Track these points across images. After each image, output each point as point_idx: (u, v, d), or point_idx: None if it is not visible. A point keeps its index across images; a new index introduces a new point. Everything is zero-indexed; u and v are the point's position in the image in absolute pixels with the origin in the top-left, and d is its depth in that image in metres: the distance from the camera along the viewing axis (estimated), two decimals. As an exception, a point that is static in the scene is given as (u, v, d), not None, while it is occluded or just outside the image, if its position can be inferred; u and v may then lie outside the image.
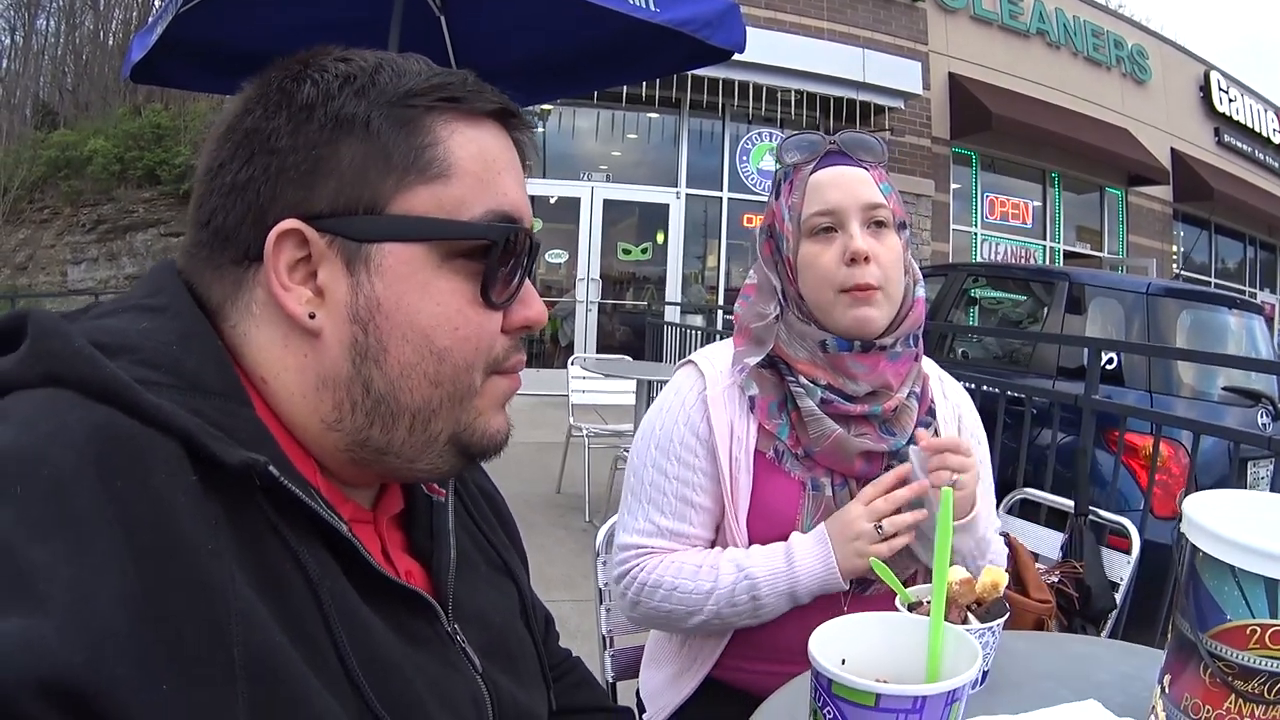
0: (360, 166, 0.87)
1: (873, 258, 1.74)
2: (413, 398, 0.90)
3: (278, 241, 0.86)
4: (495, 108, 0.95)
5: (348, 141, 0.87)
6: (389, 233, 0.88)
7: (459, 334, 0.90)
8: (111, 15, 29.00)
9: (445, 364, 0.90)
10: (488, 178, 0.92)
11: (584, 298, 14.57)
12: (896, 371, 1.81)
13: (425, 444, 0.93)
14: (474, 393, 0.94)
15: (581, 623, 4.49)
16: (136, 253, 20.17)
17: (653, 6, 4.24)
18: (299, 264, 0.88)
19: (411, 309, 0.88)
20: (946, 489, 1.09)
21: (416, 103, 0.90)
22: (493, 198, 0.92)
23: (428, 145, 0.89)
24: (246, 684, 0.70)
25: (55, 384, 0.74)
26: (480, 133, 0.94)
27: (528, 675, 1.14)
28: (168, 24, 4.54)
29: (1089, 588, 2.83)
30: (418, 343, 0.89)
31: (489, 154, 0.93)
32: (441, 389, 0.91)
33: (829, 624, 1.05)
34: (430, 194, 0.89)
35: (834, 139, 1.82)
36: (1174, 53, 20.46)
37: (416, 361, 0.89)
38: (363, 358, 0.88)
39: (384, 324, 0.88)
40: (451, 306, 0.90)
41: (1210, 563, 1.02)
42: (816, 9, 15.17)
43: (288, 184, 0.87)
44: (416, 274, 0.88)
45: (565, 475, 7.57)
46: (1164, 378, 5.46)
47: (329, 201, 0.87)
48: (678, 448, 1.84)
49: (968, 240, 17.34)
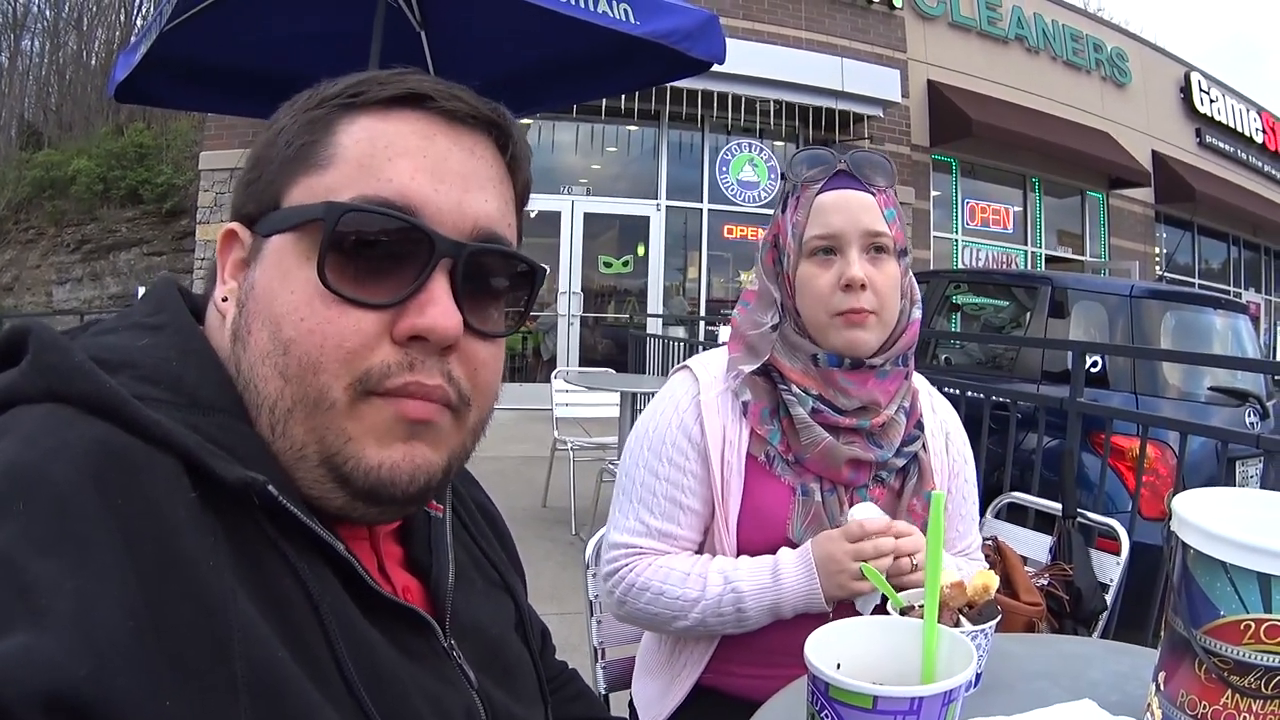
0: (274, 170, 0.91)
1: (869, 284, 1.76)
2: (266, 388, 0.85)
3: (222, 242, 0.94)
4: (400, 92, 0.91)
5: (271, 149, 0.92)
6: (274, 226, 0.89)
7: (304, 325, 0.84)
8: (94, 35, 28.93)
9: (290, 356, 0.84)
10: (372, 164, 0.87)
11: (566, 311, 14.57)
12: (885, 389, 1.83)
13: (295, 454, 0.86)
14: (330, 405, 0.85)
15: (569, 635, 4.46)
16: (120, 272, 20.07)
17: (632, 19, 4.26)
18: (242, 265, 0.93)
19: (270, 294, 0.87)
20: (938, 493, 1.10)
21: (327, 104, 0.91)
22: (369, 184, 0.86)
23: (319, 140, 0.89)
24: (249, 698, 0.70)
25: (56, 399, 0.74)
26: (382, 122, 0.90)
27: (525, 691, 1.14)
28: (152, 42, 4.55)
29: (1079, 589, 2.83)
30: (270, 329, 0.85)
31: (380, 141, 0.89)
32: (290, 385, 0.84)
33: (824, 628, 1.05)
34: (308, 184, 0.88)
35: (844, 159, 1.83)
36: (1154, 55, 20.59)
37: (270, 349, 0.85)
38: (235, 337, 0.89)
39: (252, 307, 0.88)
40: (301, 296, 0.85)
41: (1202, 560, 1.02)
42: (794, 19, 15.23)
43: (239, 194, 0.95)
44: (282, 262, 0.87)
45: (551, 489, 7.56)
46: (1149, 379, 5.48)
47: (255, 204, 0.91)
48: (669, 450, 1.85)
49: (949, 247, 17.40)
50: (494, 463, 9.11)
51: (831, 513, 1.78)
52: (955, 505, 1.99)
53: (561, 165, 15.16)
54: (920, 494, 1.84)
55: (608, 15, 4.20)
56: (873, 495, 1.83)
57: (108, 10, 28.51)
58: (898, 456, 1.83)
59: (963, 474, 1.98)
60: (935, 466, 1.90)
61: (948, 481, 1.94)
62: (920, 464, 1.87)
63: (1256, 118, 22.91)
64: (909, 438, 1.86)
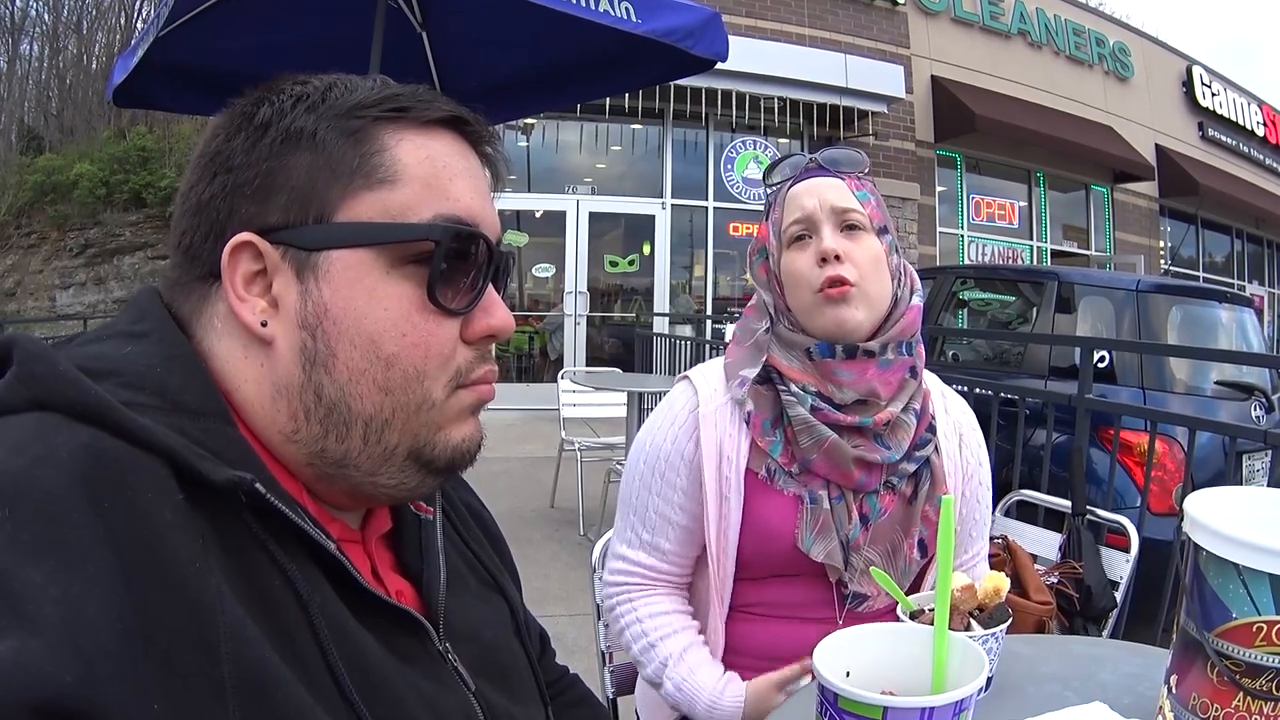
0: (309, 178, 0.89)
1: (845, 256, 1.75)
2: (363, 404, 0.89)
3: (232, 254, 0.88)
4: (445, 115, 0.96)
5: (297, 155, 0.89)
6: (335, 239, 0.89)
7: (406, 340, 0.90)
8: (94, 39, 28.97)
9: (394, 370, 0.90)
10: (437, 183, 0.93)
11: (572, 311, 14.57)
12: (885, 380, 1.78)
13: (382, 457, 0.92)
14: (431, 405, 0.93)
15: (579, 637, 4.48)
16: (124, 276, 20.13)
17: (635, 18, 4.25)
18: (256, 276, 0.89)
19: (358, 314, 0.89)
20: (948, 497, 1.08)
21: (364, 114, 0.92)
22: (442, 202, 0.92)
23: (374, 153, 0.91)
24: (238, 700, 0.70)
25: (42, 408, 0.74)
26: (431, 140, 0.94)
27: (523, 692, 1.14)
28: (149, 46, 4.54)
29: (1089, 587, 2.82)
30: (365, 348, 0.89)
31: (439, 160, 0.94)
32: (392, 397, 0.90)
33: (832, 636, 1.04)
34: (375, 199, 0.90)
35: (814, 156, 1.88)
36: (1156, 49, 20.55)
37: (365, 367, 0.89)
38: (312, 364, 0.89)
39: (331, 329, 0.88)
40: (398, 312, 0.90)
41: (1214, 561, 1.01)
42: (797, 15, 15.21)
43: (242, 200, 0.89)
44: (363, 279, 0.89)
45: (559, 489, 7.57)
46: (1157, 374, 5.47)
47: (280, 214, 0.89)
48: (663, 465, 1.86)
49: (955, 243, 17.38)
50: (502, 463, 9.13)
51: (839, 520, 1.74)
52: (969, 508, 1.94)
53: (566, 165, 15.17)
54: (933, 500, 1.80)
55: (609, 14, 4.19)
56: (883, 502, 1.77)
57: (107, 14, 28.59)
58: (909, 461, 1.78)
59: (976, 476, 1.93)
60: (948, 470, 1.86)
61: (961, 485, 1.89)
62: (933, 469, 1.82)
63: (1258, 111, 22.87)
64: (920, 441, 1.81)
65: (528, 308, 15.08)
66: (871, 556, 1.75)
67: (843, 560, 1.73)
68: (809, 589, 1.78)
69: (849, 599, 1.75)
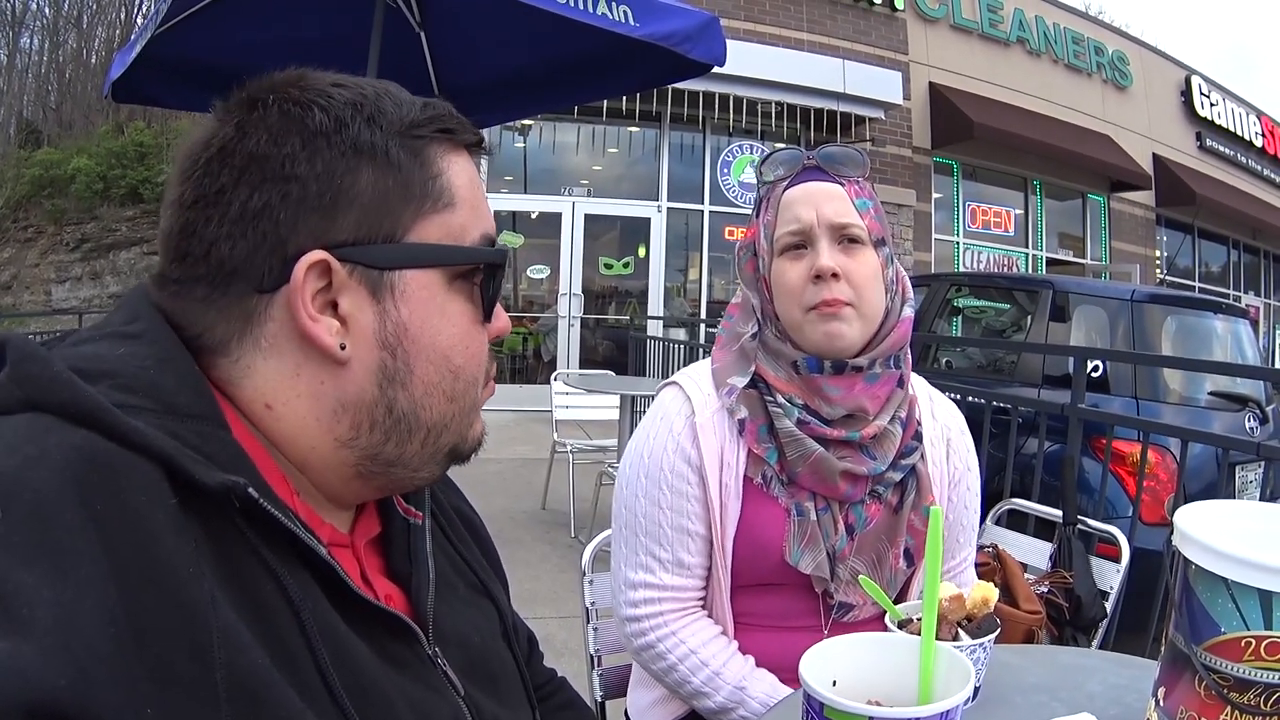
0: (380, 195, 0.90)
1: (842, 274, 1.70)
2: (432, 414, 0.95)
3: (306, 273, 0.86)
4: (477, 139, 1.01)
5: (366, 170, 0.89)
6: (409, 260, 0.92)
7: (469, 351, 0.97)
8: (94, 34, 29.04)
9: (460, 380, 0.97)
10: (478, 205, 0.98)
11: (566, 313, 14.55)
12: (873, 395, 1.76)
13: (432, 455, 0.98)
14: (474, 405, 1.01)
15: (569, 639, 4.48)
16: (120, 271, 20.14)
17: (632, 21, 4.25)
18: (318, 294, 0.88)
19: (434, 331, 0.94)
20: (936, 508, 1.09)
21: (421, 133, 0.94)
22: (482, 223, 0.98)
23: (436, 175, 0.94)
24: (230, 706, 0.70)
25: (35, 409, 0.74)
26: (467, 163, 0.99)
27: (511, 696, 1.15)
28: (147, 41, 4.53)
29: (1079, 597, 2.83)
30: (439, 363, 0.94)
31: (475, 183, 0.99)
32: (456, 404, 0.97)
33: (819, 645, 1.04)
34: (441, 221, 0.94)
35: (812, 154, 1.79)
36: (1155, 58, 20.58)
37: (438, 381, 0.95)
38: (390, 381, 0.92)
39: (411, 348, 0.92)
40: (462, 327, 0.96)
41: (1203, 576, 1.01)
42: (796, 20, 15.23)
43: (309, 212, 0.87)
44: (434, 298, 0.93)
45: (550, 491, 7.55)
46: (1150, 384, 5.48)
47: (351, 230, 0.88)
48: (669, 476, 1.78)
49: (950, 250, 17.38)
50: (493, 464, 9.12)
51: (825, 531, 1.72)
52: (955, 513, 1.91)
53: (562, 166, 15.16)
54: (918, 509, 1.78)
55: (607, 17, 4.19)
56: (869, 512, 1.76)
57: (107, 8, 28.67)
58: (894, 470, 1.76)
59: (964, 481, 1.91)
60: (935, 477, 1.84)
61: (948, 491, 1.87)
62: (919, 477, 1.80)
63: (1256, 121, 22.89)
64: (906, 449, 1.79)
65: (522, 309, 15.05)
66: (857, 566, 1.73)
67: (829, 571, 1.72)
68: (794, 599, 1.77)
69: (834, 609, 1.74)
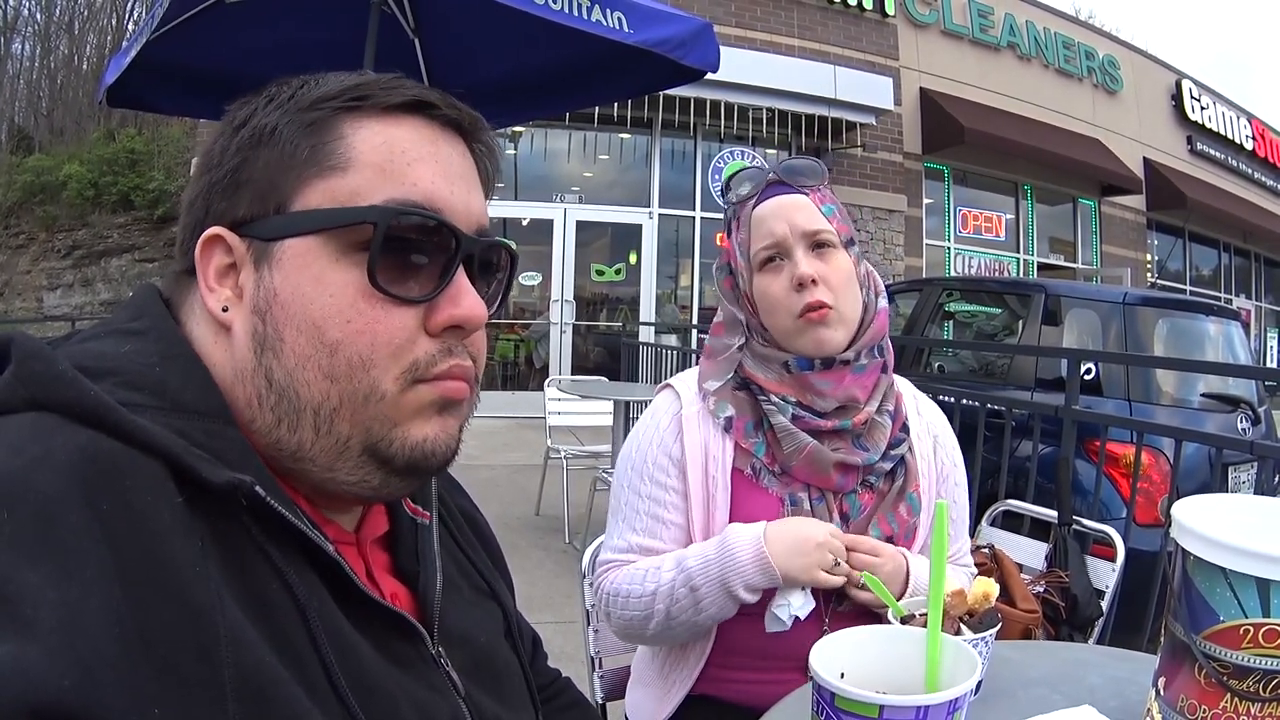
0: (271, 171, 0.90)
1: (820, 280, 1.80)
2: (310, 392, 0.88)
3: (203, 248, 0.91)
4: (408, 100, 0.95)
5: (261, 150, 0.91)
6: (288, 228, 0.89)
7: (351, 327, 0.88)
8: (85, 40, 28.97)
9: (338, 358, 0.87)
10: (393, 168, 0.91)
11: (558, 319, 14.58)
12: (862, 384, 1.86)
13: (336, 450, 0.89)
14: (380, 397, 0.89)
15: (565, 644, 4.47)
16: (111, 278, 20.08)
17: (626, 28, 4.26)
18: (229, 270, 0.91)
19: (305, 299, 0.88)
20: (941, 502, 1.10)
21: (325, 106, 0.92)
22: (396, 187, 0.90)
23: (329, 142, 0.91)
24: (237, 704, 0.70)
25: (40, 408, 0.74)
26: (392, 127, 0.93)
27: (514, 697, 1.14)
28: (141, 47, 4.53)
29: (1075, 596, 2.84)
30: (310, 334, 0.87)
31: (397, 146, 0.92)
32: (338, 385, 0.88)
33: (828, 638, 1.05)
34: (325, 187, 0.90)
35: (772, 170, 1.89)
36: (1145, 62, 20.63)
37: (311, 353, 0.87)
38: (262, 348, 0.88)
39: (280, 314, 0.88)
40: (343, 298, 0.88)
41: (1202, 566, 1.03)
42: (787, 26, 15.25)
43: (217, 196, 0.92)
44: (310, 266, 0.88)
45: (544, 497, 7.56)
46: (1143, 386, 5.50)
47: (247, 207, 0.90)
48: (650, 468, 1.89)
49: (941, 255, 17.41)
50: (487, 471, 9.12)
51: (820, 519, 1.79)
52: None
53: (554, 173, 15.17)
54: (905, 496, 1.86)
55: (601, 24, 4.20)
56: (862, 500, 1.84)
57: (99, 14, 28.59)
58: (884, 460, 1.85)
59: (953, 477, 1.98)
60: (922, 469, 1.91)
61: (937, 485, 1.95)
62: (907, 466, 1.89)
63: (1246, 125, 22.96)
64: (895, 440, 1.88)
65: (514, 315, 15.04)
66: None
67: None
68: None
69: (832, 598, 1.77)
